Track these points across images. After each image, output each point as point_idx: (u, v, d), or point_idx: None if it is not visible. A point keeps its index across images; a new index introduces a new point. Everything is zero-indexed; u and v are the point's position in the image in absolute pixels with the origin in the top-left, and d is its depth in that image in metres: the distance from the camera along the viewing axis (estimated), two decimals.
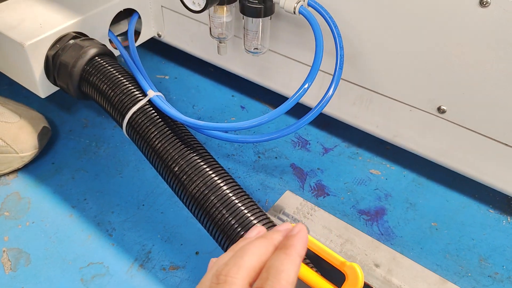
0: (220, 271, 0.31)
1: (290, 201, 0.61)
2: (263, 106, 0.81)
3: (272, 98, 0.81)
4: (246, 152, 0.73)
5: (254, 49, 0.62)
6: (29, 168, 0.68)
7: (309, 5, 0.55)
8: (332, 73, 0.52)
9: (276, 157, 0.72)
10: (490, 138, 0.55)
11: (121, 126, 0.59)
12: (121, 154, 0.71)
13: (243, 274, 0.31)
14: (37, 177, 0.67)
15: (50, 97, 0.65)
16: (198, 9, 0.56)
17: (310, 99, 0.65)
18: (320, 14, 0.54)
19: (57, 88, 0.65)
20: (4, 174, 0.67)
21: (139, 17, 0.74)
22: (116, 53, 0.70)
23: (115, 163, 0.70)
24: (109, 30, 0.69)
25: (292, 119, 0.78)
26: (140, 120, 0.57)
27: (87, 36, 0.65)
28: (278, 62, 0.67)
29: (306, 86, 0.51)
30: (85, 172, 0.69)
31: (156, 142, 0.55)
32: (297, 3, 0.53)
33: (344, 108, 0.64)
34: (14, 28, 0.61)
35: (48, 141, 0.70)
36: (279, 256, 0.32)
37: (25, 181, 0.67)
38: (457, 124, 0.56)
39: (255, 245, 0.33)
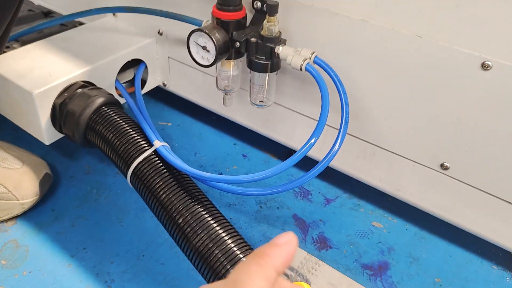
0: None
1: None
2: (264, 155, 0.82)
3: (274, 148, 0.82)
4: (248, 202, 0.72)
5: (259, 102, 0.63)
6: (28, 214, 0.67)
7: (315, 62, 0.56)
8: (335, 126, 0.53)
9: (278, 208, 0.72)
10: (493, 196, 0.55)
11: (126, 176, 0.58)
12: (122, 202, 0.71)
13: None
14: (37, 224, 0.66)
15: (53, 143, 0.66)
16: (207, 63, 0.58)
17: (313, 151, 0.65)
18: (326, 72, 0.56)
19: (61, 135, 0.66)
20: (3, 221, 0.66)
21: (146, 67, 0.76)
22: (122, 100, 0.71)
23: (116, 211, 0.69)
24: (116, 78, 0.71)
25: (293, 169, 0.78)
26: (145, 170, 0.57)
27: (95, 85, 0.66)
28: (282, 114, 0.68)
29: (312, 141, 0.52)
30: (85, 220, 0.68)
31: (161, 193, 0.55)
32: (304, 60, 0.55)
33: (347, 161, 0.65)
34: (24, 77, 0.62)
35: (49, 187, 0.70)
36: (250, 267, 0.26)
37: (24, 228, 0.66)
38: (460, 181, 0.57)
39: (257, 278, 0.26)
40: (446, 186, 0.58)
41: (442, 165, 0.57)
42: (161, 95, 0.93)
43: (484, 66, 0.48)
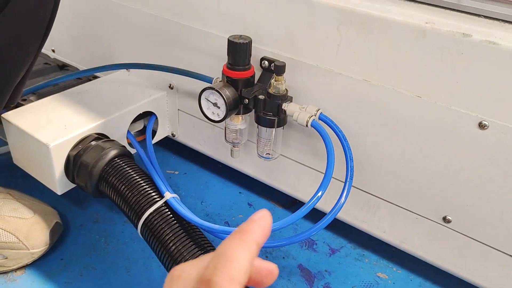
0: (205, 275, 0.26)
1: None
2: (269, 204, 0.84)
3: (278, 197, 0.83)
4: None
5: (266, 154, 0.66)
6: (37, 263, 0.68)
7: (320, 119, 0.59)
8: (339, 178, 0.55)
9: (283, 257, 0.73)
10: (495, 249, 0.57)
11: (136, 227, 0.60)
12: (130, 251, 0.72)
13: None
14: (45, 273, 0.67)
15: None
16: (218, 119, 0.61)
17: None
18: (331, 128, 0.59)
19: (73, 186, 0.68)
20: (12, 270, 0.67)
21: (156, 118, 0.79)
22: (132, 150, 0.74)
23: (124, 260, 0.70)
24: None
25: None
26: (155, 222, 0.58)
27: (108, 137, 0.69)
28: (287, 165, 0.71)
29: (319, 194, 0.54)
30: (93, 269, 0.68)
31: (170, 244, 0.57)
32: (310, 117, 0.58)
33: (351, 212, 0.67)
34: (41, 129, 0.65)
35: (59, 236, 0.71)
36: (232, 242, 0.28)
37: (32, 278, 0.66)
38: (463, 234, 0.58)
39: (240, 250, 0.27)
40: (448, 239, 0.60)
41: (444, 218, 0.58)
42: (168, 144, 0.96)
43: (481, 126, 0.50)
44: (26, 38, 0.54)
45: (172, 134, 0.84)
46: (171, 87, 0.77)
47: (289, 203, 0.83)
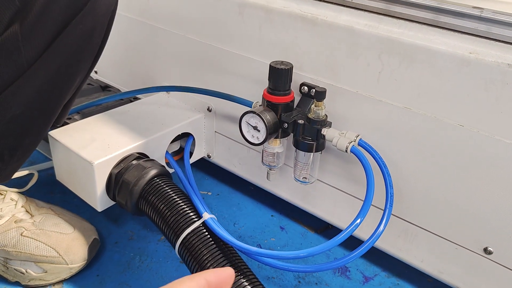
0: None
1: None
2: (302, 228, 0.83)
3: (310, 221, 0.83)
4: (286, 275, 0.73)
5: (303, 178, 0.66)
6: (74, 278, 0.70)
7: (359, 144, 0.60)
8: (377, 205, 0.55)
9: (316, 283, 0.72)
10: None
11: (174, 246, 0.61)
12: (164, 270, 0.73)
13: None
14: None
15: None
16: (257, 142, 0.62)
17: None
18: (370, 154, 0.59)
19: (113, 203, 0.69)
20: (50, 284, 0.68)
21: (193, 139, 0.80)
22: (170, 170, 0.75)
23: (157, 279, 0.71)
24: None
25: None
26: (193, 242, 0.59)
27: (148, 156, 0.71)
28: (323, 190, 0.71)
29: (358, 221, 0.54)
30: (128, 287, 0.69)
31: (208, 265, 0.57)
32: (349, 143, 0.58)
33: (388, 240, 0.66)
34: (85, 147, 0.67)
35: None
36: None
37: None
38: (505, 266, 0.57)
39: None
40: (489, 271, 0.58)
41: (485, 250, 0.57)
42: (201, 164, 0.97)
43: None
44: (78, 62, 0.57)
45: (208, 155, 0.85)
46: (209, 110, 0.79)
47: (323, 228, 0.83)
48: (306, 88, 0.64)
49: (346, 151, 0.59)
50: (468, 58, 0.50)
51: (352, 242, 0.65)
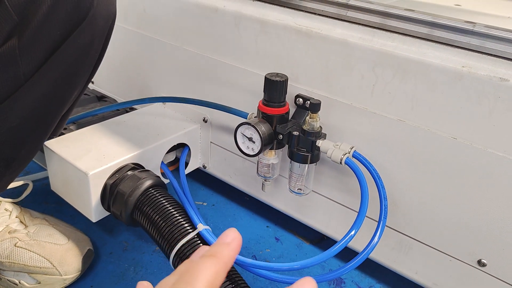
0: None
1: None
2: (297, 239, 0.83)
3: (306, 232, 0.83)
4: (282, 287, 0.73)
5: (298, 189, 0.66)
6: None
7: (354, 156, 0.60)
8: (371, 217, 0.55)
9: None
10: None
11: (168, 257, 0.61)
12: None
13: None
14: None
15: None
16: (252, 153, 0.62)
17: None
18: (365, 166, 0.59)
19: (107, 214, 0.69)
20: None
21: (189, 150, 0.81)
22: (165, 180, 0.75)
23: None
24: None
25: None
26: (188, 253, 0.59)
27: (143, 167, 0.71)
28: (318, 201, 0.71)
29: (352, 233, 0.54)
30: None
31: None
32: (344, 154, 0.59)
33: (383, 251, 0.66)
34: (80, 158, 0.67)
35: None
36: (204, 263, 0.29)
37: None
38: (498, 278, 0.57)
39: (205, 268, 0.28)
40: (483, 283, 0.58)
41: (479, 262, 0.57)
42: (197, 175, 0.97)
43: None
44: (76, 75, 0.57)
45: (203, 166, 0.85)
46: (205, 121, 0.79)
47: (318, 239, 0.83)
48: (301, 100, 0.65)
49: (340, 162, 0.59)
50: (461, 71, 0.51)
51: (347, 253, 0.65)
